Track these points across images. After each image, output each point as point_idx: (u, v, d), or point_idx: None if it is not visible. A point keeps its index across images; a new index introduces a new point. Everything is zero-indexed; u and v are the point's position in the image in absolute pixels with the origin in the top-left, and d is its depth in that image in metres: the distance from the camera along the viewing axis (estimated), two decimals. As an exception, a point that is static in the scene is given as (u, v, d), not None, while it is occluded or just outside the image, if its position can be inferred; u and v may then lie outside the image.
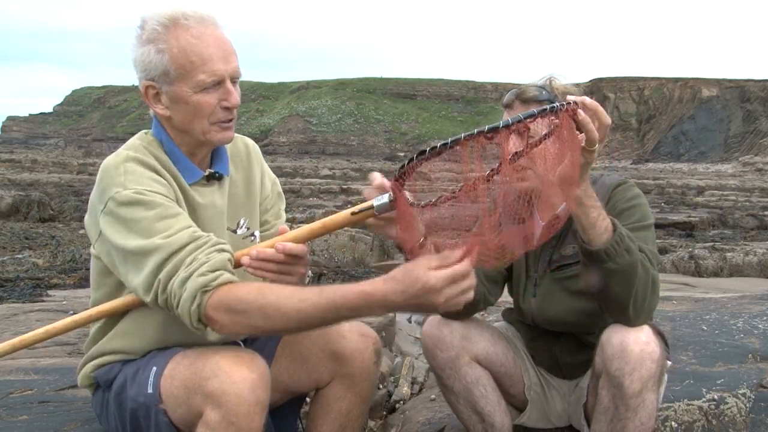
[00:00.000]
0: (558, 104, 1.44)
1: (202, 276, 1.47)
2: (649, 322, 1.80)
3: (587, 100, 1.54)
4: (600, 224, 1.66)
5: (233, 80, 1.66)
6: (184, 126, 1.67)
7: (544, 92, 1.87)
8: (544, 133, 1.46)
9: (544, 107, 1.43)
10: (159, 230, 1.52)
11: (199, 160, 1.75)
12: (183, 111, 1.65)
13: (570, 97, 1.55)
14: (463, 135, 1.37)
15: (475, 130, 1.37)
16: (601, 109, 1.55)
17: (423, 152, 1.39)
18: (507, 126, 1.37)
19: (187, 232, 1.53)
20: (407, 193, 1.45)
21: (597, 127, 1.54)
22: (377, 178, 1.51)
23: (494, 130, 1.37)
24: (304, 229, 1.60)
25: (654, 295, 1.74)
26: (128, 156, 1.64)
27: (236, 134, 1.84)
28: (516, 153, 1.43)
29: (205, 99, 1.63)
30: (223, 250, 1.54)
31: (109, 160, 1.65)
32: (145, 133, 1.76)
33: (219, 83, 1.63)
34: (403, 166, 1.42)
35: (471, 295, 1.35)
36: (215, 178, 1.77)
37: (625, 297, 1.70)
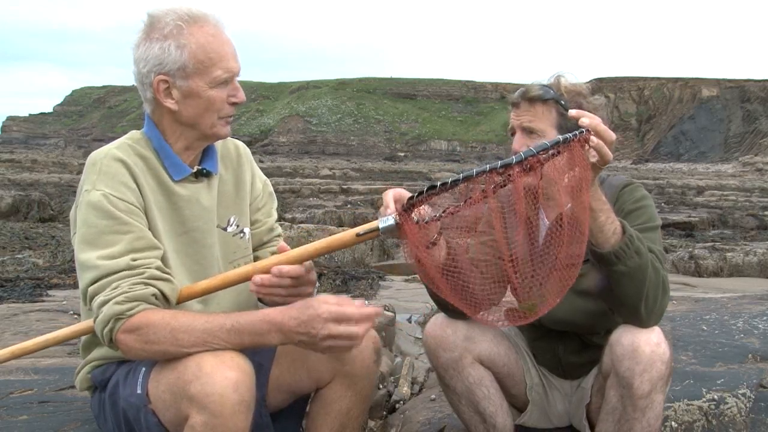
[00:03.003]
0: (570, 135, 1.45)
1: (118, 305, 1.54)
2: None
3: (585, 120, 1.52)
4: (609, 227, 1.66)
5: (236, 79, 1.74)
6: (193, 120, 1.72)
7: (550, 91, 1.86)
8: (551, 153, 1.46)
9: (557, 138, 1.44)
10: (104, 244, 1.59)
11: (190, 158, 1.79)
12: (194, 105, 1.70)
13: (572, 112, 1.56)
14: (475, 171, 1.39)
15: (488, 166, 1.39)
16: (602, 126, 1.54)
17: (433, 187, 1.41)
18: (519, 162, 1.38)
19: (125, 260, 1.58)
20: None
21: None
22: (390, 204, 1.56)
23: (507, 166, 1.38)
24: (309, 247, 1.63)
25: (665, 295, 1.74)
26: (108, 153, 1.69)
27: (230, 139, 1.91)
28: (525, 170, 1.43)
29: (218, 94, 1.70)
30: (150, 285, 1.58)
31: (93, 155, 1.71)
32: (136, 132, 1.80)
33: (229, 80, 1.70)
34: (412, 198, 1.43)
35: (350, 344, 1.51)
36: (203, 174, 1.81)
37: (637, 298, 1.69)
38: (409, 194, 1.72)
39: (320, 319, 1.48)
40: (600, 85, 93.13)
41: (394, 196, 1.66)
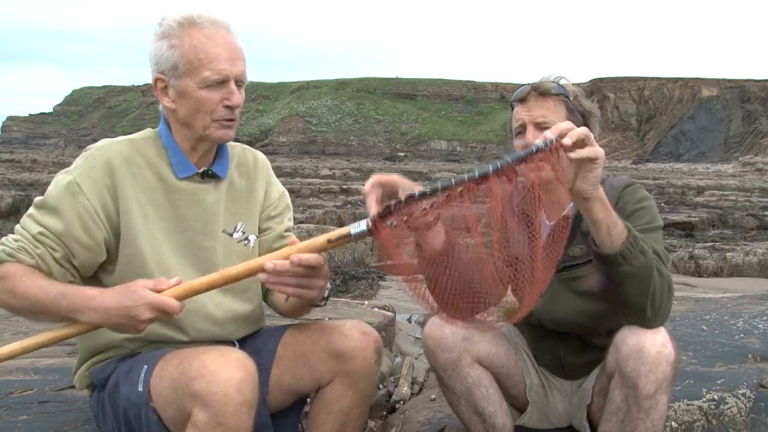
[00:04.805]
0: (542, 144, 1.44)
1: (2, 252, 1.64)
2: None
3: (548, 134, 1.49)
4: (616, 229, 1.64)
5: (238, 83, 1.74)
6: (187, 120, 1.75)
7: (560, 87, 1.88)
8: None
9: (531, 148, 1.43)
10: (38, 212, 1.69)
11: (197, 157, 1.81)
12: (187, 105, 1.73)
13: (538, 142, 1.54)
14: (453, 180, 1.39)
15: (466, 176, 1.39)
16: (561, 127, 1.51)
17: (411, 196, 1.41)
18: (496, 171, 1.39)
19: (37, 229, 1.66)
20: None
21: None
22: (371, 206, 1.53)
23: (484, 175, 1.39)
24: (279, 254, 1.57)
25: (670, 296, 1.73)
26: (103, 148, 1.75)
27: (248, 148, 1.99)
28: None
29: (209, 95, 1.71)
30: (35, 258, 1.64)
31: (96, 144, 1.79)
32: (150, 129, 1.85)
33: (223, 82, 1.71)
34: (388, 207, 1.42)
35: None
36: (209, 176, 1.83)
37: (643, 299, 1.69)
38: (393, 177, 1.63)
39: (144, 306, 1.51)
40: (600, 85, 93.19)
41: (374, 183, 1.53)
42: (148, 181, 1.75)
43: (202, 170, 1.81)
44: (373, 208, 1.49)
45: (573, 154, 1.50)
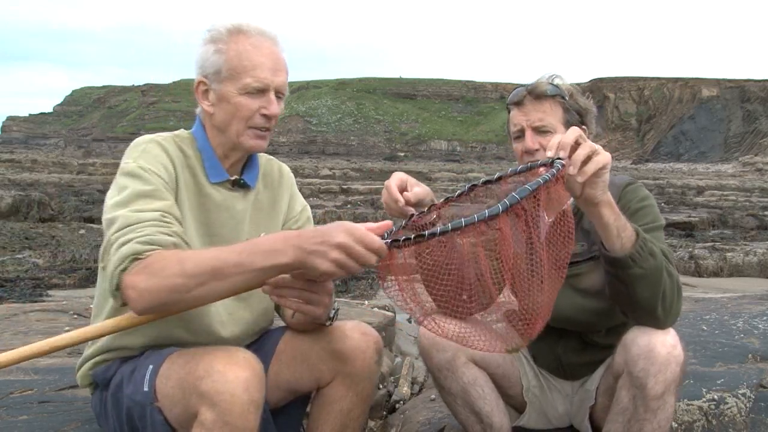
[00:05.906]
0: (548, 175, 1.46)
1: (139, 244, 1.50)
2: None
3: (562, 154, 1.52)
4: (625, 231, 1.65)
5: (278, 94, 1.77)
6: (223, 125, 1.77)
7: (556, 88, 1.89)
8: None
9: (538, 182, 1.45)
10: (135, 203, 1.59)
11: (229, 164, 1.83)
12: (224, 110, 1.75)
13: (548, 153, 1.55)
14: (464, 222, 1.41)
15: (476, 217, 1.40)
16: (567, 139, 1.54)
17: (422, 236, 1.42)
18: (506, 210, 1.41)
19: (156, 213, 1.58)
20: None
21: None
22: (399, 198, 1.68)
23: (494, 216, 1.40)
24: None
25: (680, 296, 1.73)
26: (153, 138, 1.76)
27: (273, 159, 2.00)
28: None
29: (247, 102, 1.73)
30: (174, 237, 1.56)
31: (136, 140, 1.77)
32: (183, 130, 1.86)
33: (263, 91, 1.73)
34: (397, 241, 1.43)
35: (356, 267, 1.41)
36: (240, 185, 1.84)
37: (653, 301, 1.69)
38: (412, 180, 1.77)
39: (342, 228, 1.40)
40: (600, 85, 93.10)
41: (398, 185, 1.70)
42: (185, 179, 1.76)
43: (234, 178, 1.83)
44: (400, 198, 1.72)
45: (580, 178, 1.53)
